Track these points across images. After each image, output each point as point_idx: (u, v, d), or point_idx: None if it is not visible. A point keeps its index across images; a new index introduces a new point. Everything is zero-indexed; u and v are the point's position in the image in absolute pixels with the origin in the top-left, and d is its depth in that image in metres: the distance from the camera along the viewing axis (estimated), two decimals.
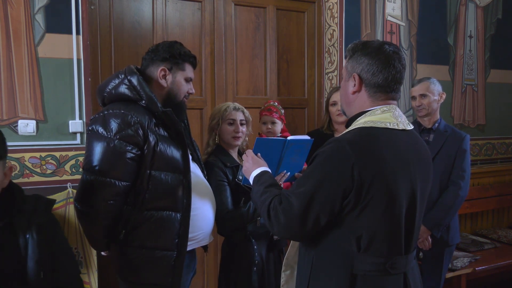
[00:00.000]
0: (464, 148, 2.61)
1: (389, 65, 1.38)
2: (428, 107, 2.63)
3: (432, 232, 2.56)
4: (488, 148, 4.05)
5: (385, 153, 1.32)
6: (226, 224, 2.06)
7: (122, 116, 1.66)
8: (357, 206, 1.30)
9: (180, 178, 1.76)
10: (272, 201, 1.37)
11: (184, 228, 1.76)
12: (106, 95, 1.79)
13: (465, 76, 3.90)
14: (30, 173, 2.45)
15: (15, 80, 2.41)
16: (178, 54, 1.84)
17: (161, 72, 1.83)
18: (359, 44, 1.45)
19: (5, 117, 2.40)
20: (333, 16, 3.32)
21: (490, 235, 3.77)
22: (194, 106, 2.96)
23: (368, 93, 1.42)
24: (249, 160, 1.66)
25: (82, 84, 2.52)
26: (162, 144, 1.72)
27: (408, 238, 1.40)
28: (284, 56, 3.33)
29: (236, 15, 3.12)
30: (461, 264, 3.10)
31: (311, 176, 1.33)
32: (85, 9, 2.51)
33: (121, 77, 1.76)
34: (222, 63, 3.07)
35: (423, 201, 1.45)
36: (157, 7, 2.86)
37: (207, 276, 3.11)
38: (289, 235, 1.43)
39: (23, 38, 2.41)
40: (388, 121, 1.37)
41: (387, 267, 1.34)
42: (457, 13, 3.83)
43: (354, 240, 1.33)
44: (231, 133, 2.15)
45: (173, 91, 1.86)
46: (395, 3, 3.52)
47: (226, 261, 2.15)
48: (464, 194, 2.60)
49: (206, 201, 1.92)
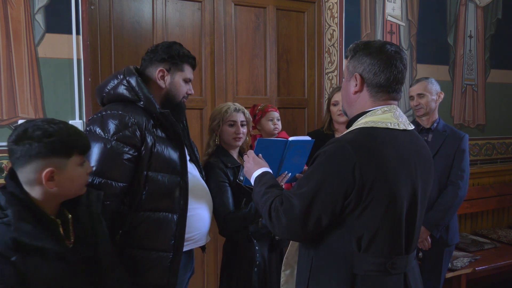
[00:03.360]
0: (463, 148, 2.61)
1: (391, 65, 1.38)
2: (426, 106, 2.63)
3: (431, 232, 2.56)
4: (488, 148, 4.05)
5: (386, 153, 1.32)
6: (227, 225, 2.05)
7: (120, 117, 1.66)
8: (358, 206, 1.30)
9: (177, 180, 1.75)
10: (273, 202, 1.37)
11: (180, 229, 1.76)
12: (105, 95, 1.79)
13: (465, 76, 3.90)
14: None
15: (15, 80, 2.40)
16: (177, 55, 1.83)
17: (160, 73, 1.82)
18: (360, 44, 1.45)
19: (5, 117, 2.40)
20: (333, 16, 3.32)
21: (490, 235, 3.77)
22: (193, 106, 2.95)
23: (369, 93, 1.42)
24: (250, 161, 1.66)
25: (82, 84, 2.52)
26: (159, 145, 1.72)
27: (409, 238, 1.40)
28: (284, 56, 3.33)
29: (236, 15, 3.12)
30: (461, 264, 3.10)
31: (312, 177, 1.33)
32: (85, 9, 2.51)
33: (120, 78, 1.76)
34: (222, 63, 3.07)
35: (424, 201, 1.45)
36: (157, 7, 2.86)
37: (207, 276, 3.10)
38: (291, 235, 1.43)
39: (23, 38, 2.41)
40: (389, 121, 1.37)
41: (387, 267, 1.34)
42: (457, 13, 3.83)
43: (354, 240, 1.33)
44: (232, 135, 2.15)
45: (171, 92, 1.85)
46: (395, 3, 3.52)
47: (228, 261, 2.15)
48: (463, 194, 2.60)
49: (203, 201, 1.92)
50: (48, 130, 1.24)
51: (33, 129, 1.23)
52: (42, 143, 1.22)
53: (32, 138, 1.22)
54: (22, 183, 1.26)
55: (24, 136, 1.22)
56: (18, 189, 1.25)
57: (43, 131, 1.23)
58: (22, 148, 1.21)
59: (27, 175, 1.24)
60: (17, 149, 1.22)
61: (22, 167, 1.24)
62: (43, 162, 1.23)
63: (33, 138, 1.22)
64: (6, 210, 1.20)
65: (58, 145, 1.25)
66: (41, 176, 1.23)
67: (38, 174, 1.23)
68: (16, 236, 1.16)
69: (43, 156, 1.23)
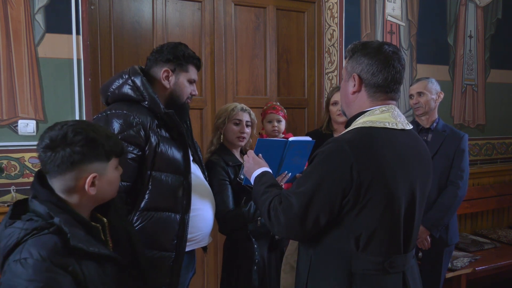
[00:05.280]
0: (462, 148, 2.61)
1: (389, 65, 1.38)
2: (425, 105, 2.63)
3: (431, 232, 2.56)
4: (488, 148, 4.05)
5: (384, 153, 1.33)
6: (227, 223, 2.06)
7: (124, 116, 1.67)
8: (356, 206, 1.30)
9: (181, 179, 1.76)
10: (272, 201, 1.38)
11: (183, 229, 1.77)
12: (109, 94, 1.80)
13: (465, 76, 3.90)
14: (30, 173, 2.45)
15: (15, 80, 2.41)
16: (182, 56, 1.84)
17: (164, 73, 1.83)
18: (358, 44, 1.45)
19: (5, 117, 2.40)
20: (333, 16, 3.32)
21: (490, 235, 3.77)
22: (194, 106, 2.95)
23: (367, 93, 1.43)
24: (250, 161, 1.66)
25: (82, 84, 2.52)
26: (163, 145, 1.73)
27: (407, 237, 1.40)
28: (284, 56, 3.33)
29: (236, 15, 3.13)
30: (461, 264, 3.10)
31: (310, 176, 1.33)
32: (85, 9, 2.51)
33: (125, 77, 1.77)
34: (222, 63, 3.07)
35: (423, 200, 1.46)
36: (157, 7, 2.86)
37: (207, 276, 3.11)
38: (289, 235, 1.44)
39: (23, 38, 2.41)
40: (387, 121, 1.38)
41: (385, 266, 1.34)
42: (457, 13, 3.83)
43: (353, 239, 1.33)
44: (236, 133, 2.15)
45: (176, 92, 1.86)
46: (395, 3, 3.52)
47: (228, 260, 2.16)
48: (462, 194, 2.60)
49: (206, 202, 1.92)
50: (89, 134, 1.18)
51: (73, 134, 1.16)
52: (86, 148, 1.16)
53: (74, 143, 1.15)
54: (58, 190, 1.20)
55: (64, 141, 1.15)
56: (55, 198, 1.18)
57: (85, 135, 1.17)
58: (63, 154, 1.14)
59: (67, 182, 1.18)
60: (56, 156, 1.14)
61: (62, 174, 1.16)
62: (86, 168, 1.18)
63: (75, 143, 1.15)
64: (49, 220, 1.13)
65: (100, 149, 1.19)
66: (83, 182, 1.18)
67: (81, 181, 1.18)
68: (75, 244, 1.11)
69: (87, 161, 1.18)
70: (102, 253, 1.17)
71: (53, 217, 1.13)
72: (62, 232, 1.12)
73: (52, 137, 1.16)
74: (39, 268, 1.05)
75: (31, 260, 1.06)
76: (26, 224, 1.13)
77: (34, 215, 1.16)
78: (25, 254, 1.07)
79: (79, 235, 1.14)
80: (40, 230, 1.11)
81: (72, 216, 1.18)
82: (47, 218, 1.14)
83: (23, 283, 1.04)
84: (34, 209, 1.17)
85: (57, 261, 1.08)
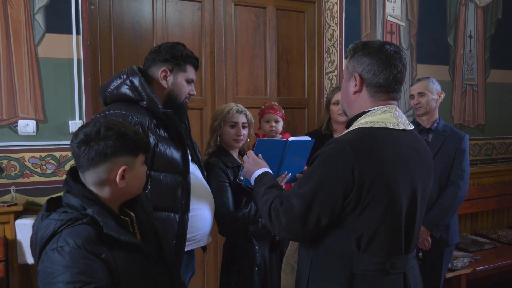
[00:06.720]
0: (463, 148, 2.61)
1: (390, 65, 1.38)
2: (426, 105, 2.63)
3: (431, 232, 2.56)
4: (488, 148, 4.05)
5: (386, 153, 1.32)
6: (227, 225, 2.05)
7: (122, 116, 1.66)
8: (358, 206, 1.30)
9: (180, 179, 1.76)
10: (273, 202, 1.37)
11: (182, 229, 1.77)
12: (108, 95, 1.79)
13: (465, 76, 3.90)
14: (30, 173, 2.44)
15: (15, 80, 2.40)
16: (180, 55, 1.84)
17: (162, 73, 1.83)
18: (360, 44, 1.45)
19: (5, 117, 2.40)
20: (333, 16, 3.32)
21: (490, 235, 3.77)
22: (194, 106, 2.95)
23: (369, 93, 1.42)
24: (250, 161, 1.66)
25: (82, 84, 2.52)
26: (162, 145, 1.72)
27: (408, 237, 1.40)
28: (284, 56, 3.33)
29: (236, 15, 3.12)
30: (461, 264, 3.10)
31: (311, 177, 1.33)
32: (85, 9, 2.51)
33: (123, 78, 1.77)
34: (222, 63, 3.07)
35: (424, 200, 1.45)
36: (157, 7, 2.86)
37: (207, 277, 3.11)
38: (291, 236, 1.43)
39: (23, 38, 2.41)
40: (389, 121, 1.37)
41: (386, 266, 1.34)
42: (457, 13, 3.83)
43: (354, 240, 1.33)
44: (232, 136, 2.14)
45: (174, 92, 1.86)
46: (395, 3, 3.52)
47: (228, 261, 2.15)
48: (463, 194, 2.60)
49: (204, 202, 1.92)
50: (120, 129, 1.25)
51: (106, 129, 1.23)
52: (118, 141, 1.23)
53: (107, 137, 1.23)
54: (89, 184, 1.26)
55: (98, 136, 1.22)
56: (87, 191, 1.26)
57: (116, 130, 1.24)
58: (97, 148, 1.21)
59: (99, 175, 1.24)
60: (90, 150, 1.21)
61: (95, 167, 1.23)
62: (117, 161, 1.25)
63: (108, 137, 1.23)
64: (82, 211, 1.20)
65: (131, 143, 1.27)
66: (114, 175, 1.25)
67: (112, 173, 1.24)
68: (108, 231, 1.17)
69: (119, 154, 1.24)
70: (132, 242, 1.23)
71: (86, 208, 1.20)
72: (95, 223, 1.19)
73: (87, 133, 1.23)
74: (75, 255, 1.12)
75: (68, 248, 1.12)
76: (62, 215, 1.20)
77: (68, 208, 1.23)
78: (62, 243, 1.13)
79: (111, 225, 1.20)
80: (74, 220, 1.18)
81: (103, 208, 1.25)
82: (81, 210, 1.21)
83: (61, 269, 1.10)
84: (68, 203, 1.24)
85: (91, 249, 1.14)
